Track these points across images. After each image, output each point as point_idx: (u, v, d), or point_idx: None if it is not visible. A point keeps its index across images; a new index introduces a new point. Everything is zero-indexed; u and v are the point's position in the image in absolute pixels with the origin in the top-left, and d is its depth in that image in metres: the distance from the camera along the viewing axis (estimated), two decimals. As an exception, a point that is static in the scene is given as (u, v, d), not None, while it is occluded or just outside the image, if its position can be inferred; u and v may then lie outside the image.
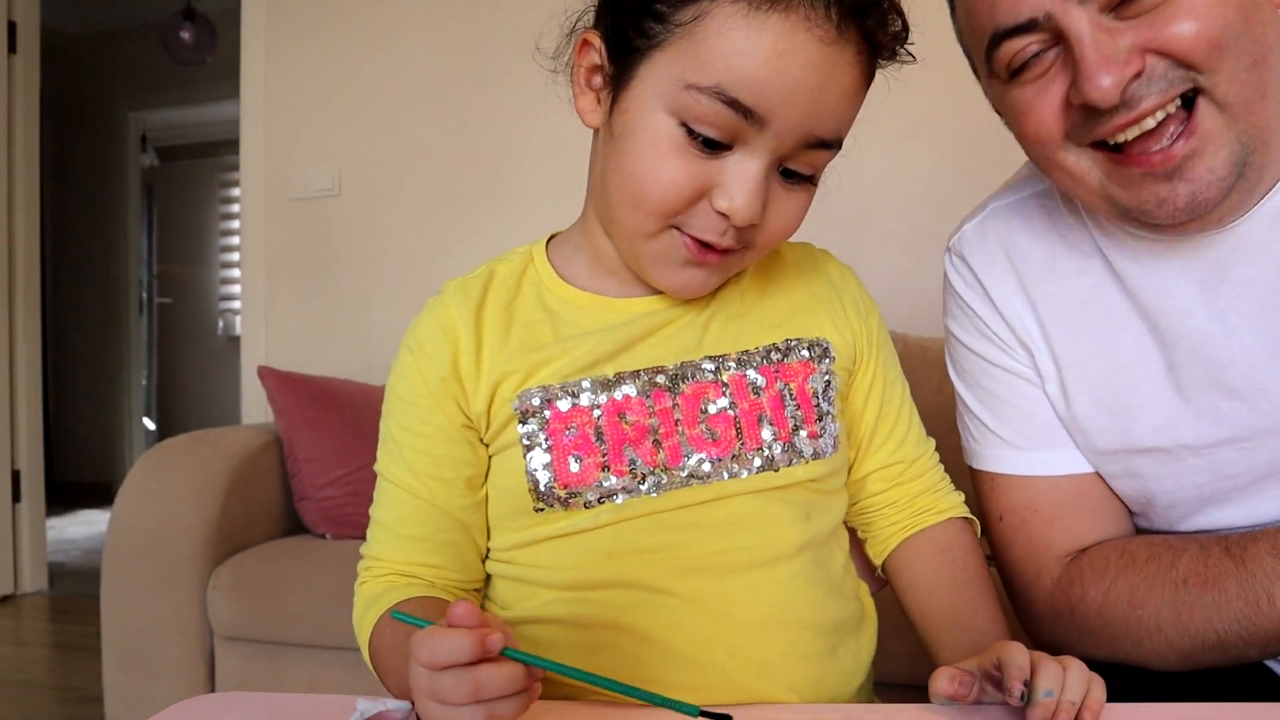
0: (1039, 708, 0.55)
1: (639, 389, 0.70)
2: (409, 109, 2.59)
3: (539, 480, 0.68)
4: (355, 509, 1.94)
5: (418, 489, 0.72)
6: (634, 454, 0.68)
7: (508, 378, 0.70)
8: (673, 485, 0.68)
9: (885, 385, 0.80)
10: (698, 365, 0.71)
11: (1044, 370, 0.80)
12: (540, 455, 0.68)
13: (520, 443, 0.69)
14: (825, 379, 0.74)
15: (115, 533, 1.80)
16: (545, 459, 0.68)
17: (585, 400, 0.69)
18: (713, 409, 0.70)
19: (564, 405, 0.69)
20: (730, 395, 0.70)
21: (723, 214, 0.63)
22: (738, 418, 0.70)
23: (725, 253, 0.67)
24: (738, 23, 0.59)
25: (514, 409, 0.69)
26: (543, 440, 0.69)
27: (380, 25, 2.64)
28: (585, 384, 0.69)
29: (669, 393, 0.70)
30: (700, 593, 0.68)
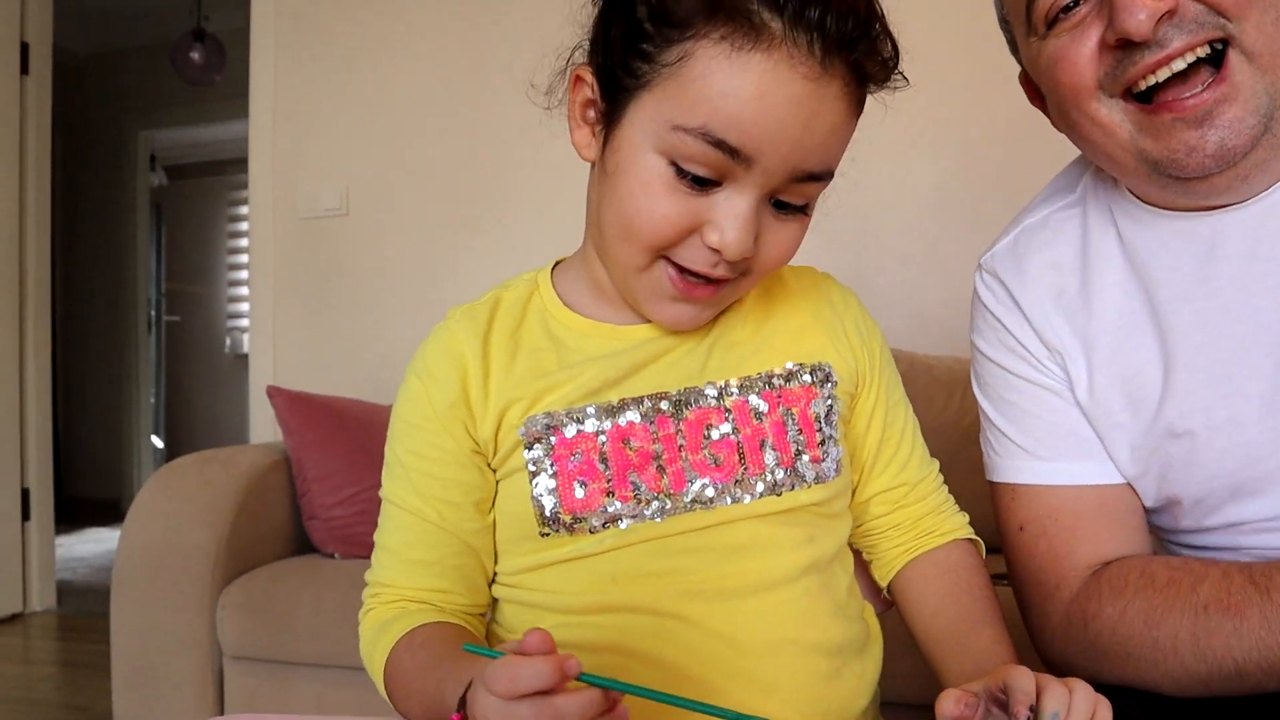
0: None
1: (643, 415, 0.70)
2: (417, 130, 2.61)
3: (544, 505, 0.69)
4: (364, 528, 1.94)
5: (426, 512, 0.73)
6: (638, 479, 0.69)
7: (514, 404, 0.71)
8: (677, 510, 0.69)
9: (888, 408, 0.81)
10: (700, 391, 0.71)
11: (1075, 375, 0.80)
12: (546, 481, 0.69)
13: (526, 468, 0.70)
14: (827, 404, 0.74)
15: (125, 551, 1.81)
16: (551, 484, 0.69)
17: (590, 426, 0.70)
18: (716, 434, 0.71)
19: (569, 431, 0.69)
20: (733, 421, 0.71)
21: (714, 249, 0.64)
22: (740, 443, 0.70)
23: (719, 284, 0.67)
24: (721, 64, 0.59)
25: (520, 435, 0.70)
26: (548, 466, 0.69)
27: (388, 47, 2.66)
28: (590, 410, 0.70)
29: (672, 418, 0.70)
30: (705, 616, 0.68)
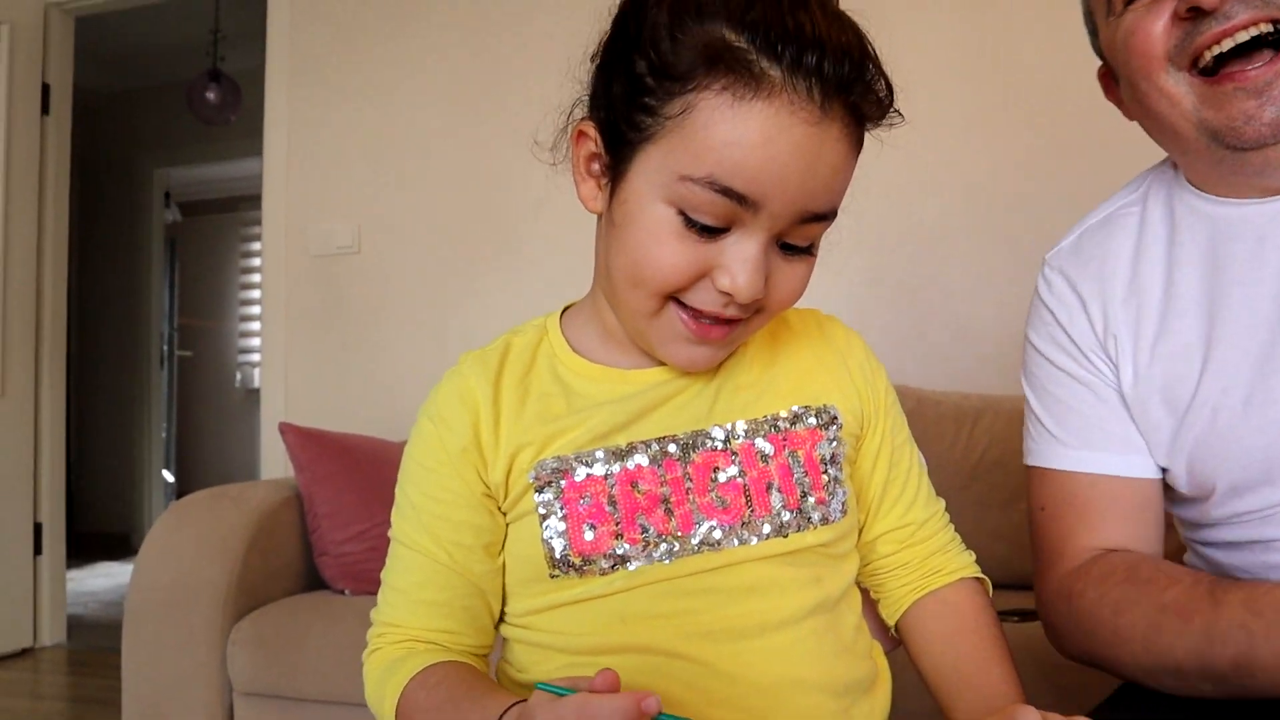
0: None
1: (651, 458, 0.71)
2: (429, 169, 2.64)
3: (554, 548, 0.70)
4: (374, 565, 1.93)
5: (437, 554, 0.74)
6: (646, 522, 0.70)
7: (524, 448, 0.72)
8: (685, 552, 0.70)
9: (894, 449, 0.82)
10: (707, 434, 0.73)
11: (1122, 363, 0.86)
12: (556, 523, 0.70)
13: (536, 511, 0.71)
14: (833, 446, 0.75)
15: (137, 587, 1.82)
16: (560, 527, 0.70)
17: (599, 470, 0.71)
18: (723, 477, 0.71)
19: (579, 475, 0.70)
20: (739, 463, 0.72)
21: (725, 293, 0.65)
22: (747, 485, 0.71)
23: (732, 324, 0.68)
24: (724, 113, 0.61)
25: (530, 479, 0.71)
26: (558, 509, 0.70)
27: (401, 88, 2.70)
28: (599, 454, 0.71)
29: (680, 462, 0.71)
30: (713, 656, 0.69)
